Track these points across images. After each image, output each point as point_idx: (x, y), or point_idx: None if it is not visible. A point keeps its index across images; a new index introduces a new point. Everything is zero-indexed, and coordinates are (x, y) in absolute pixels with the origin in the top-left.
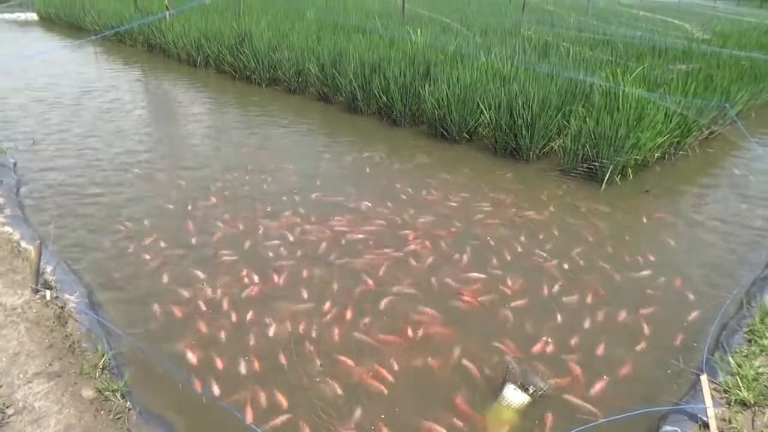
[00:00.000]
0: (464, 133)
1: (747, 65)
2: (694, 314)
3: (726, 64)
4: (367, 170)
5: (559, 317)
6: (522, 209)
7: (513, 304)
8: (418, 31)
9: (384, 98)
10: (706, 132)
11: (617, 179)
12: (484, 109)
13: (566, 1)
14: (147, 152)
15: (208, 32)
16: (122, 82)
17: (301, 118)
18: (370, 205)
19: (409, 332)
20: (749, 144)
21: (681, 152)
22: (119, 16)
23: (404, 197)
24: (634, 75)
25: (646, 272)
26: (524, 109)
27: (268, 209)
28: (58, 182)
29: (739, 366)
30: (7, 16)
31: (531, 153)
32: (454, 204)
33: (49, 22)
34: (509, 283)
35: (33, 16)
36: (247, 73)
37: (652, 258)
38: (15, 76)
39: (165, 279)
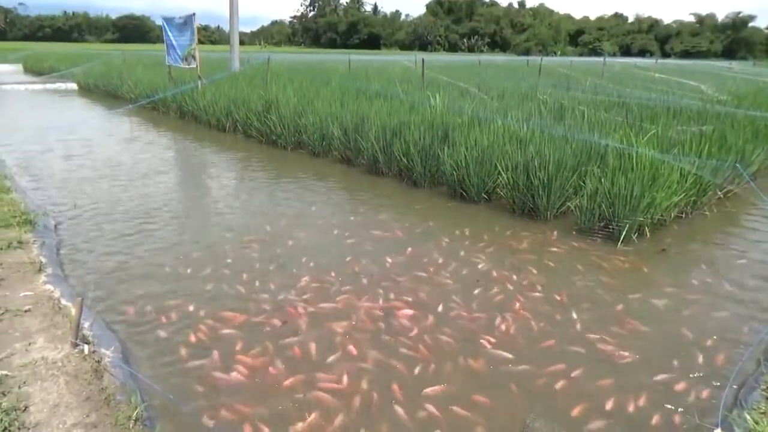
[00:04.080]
0: (483, 194)
1: (762, 124)
2: (710, 371)
3: (741, 124)
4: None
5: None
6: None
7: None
8: (437, 96)
9: (404, 161)
10: (721, 192)
11: (634, 238)
12: (501, 171)
13: (582, 65)
14: (175, 212)
15: (237, 99)
16: (157, 146)
17: (324, 179)
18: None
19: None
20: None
21: (698, 211)
22: (153, 86)
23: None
24: (648, 137)
25: (662, 329)
26: (540, 170)
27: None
28: (96, 241)
29: (756, 423)
30: (49, 86)
31: (548, 213)
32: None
33: (88, 91)
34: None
35: (73, 85)
36: (273, 138)
37: (661, 317)
38: (57, 141)
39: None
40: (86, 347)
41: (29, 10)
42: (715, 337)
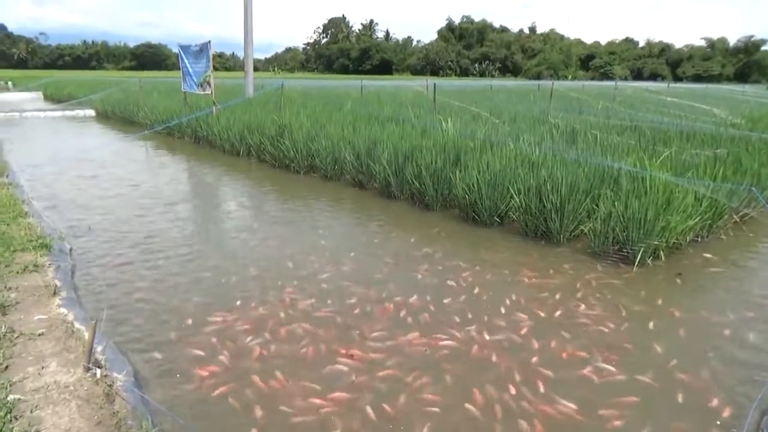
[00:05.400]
0: (495, 217)
1: None
2: (730, 396)
3: (756, 147)
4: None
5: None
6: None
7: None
8: (449, 120)
9: (416, 184)
10: (737, 216)
11: (649, 261)
12: (513, 194)
13: (593, 89)
14: (188, 236)
15: (251, 124)
16: (171, 170)
17: (338, 202)
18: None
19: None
20: None
21: (713, 235)
22: (169, 112)
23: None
24: (661, 160)
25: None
26: (553, 194)
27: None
28: (110, 265)
29: None
30: (67, 113)
31: (561, 236)
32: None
33: (105, 117)
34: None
35: (91, 112)
36: (287, 162)
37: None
38: (74, 165)
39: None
40: (98, 371)
41: (50, 39)
42: (735, 361)
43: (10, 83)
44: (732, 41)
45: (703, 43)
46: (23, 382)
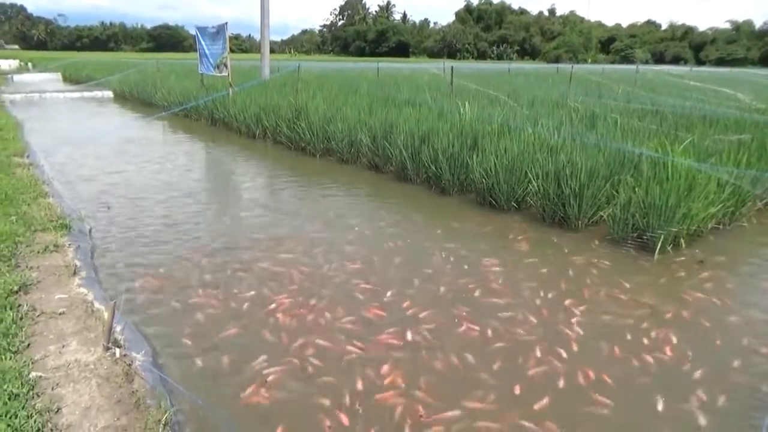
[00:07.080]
0: (512, 202)
1: None
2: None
3: None
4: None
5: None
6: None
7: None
8: (466, 103)
9: (433, 168)
10: (761, 203)
11: (669, 249)
12: (532, 179)
13: (614, 73)
14: (204, 215)
15: (267, 107)
16: (189, 152)
17: (354, 185)
18: None
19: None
20: None
21: (736, 222)
22: (186, 94)
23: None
24: (683, 146)
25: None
26: (572, 179)
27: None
28: (129, 244)
29: None
30: (86, 94)
31: (580, 222)
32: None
33: (123, 99)
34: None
35: (109, 93)
36: (302, 145)
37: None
38: (92, 146)
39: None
40: (118, 350)
41: (68, 21)
42: (761, 355)
43: (29, 64)
44: (758, 24)
45: (727, 25)
46: (45, 360)
